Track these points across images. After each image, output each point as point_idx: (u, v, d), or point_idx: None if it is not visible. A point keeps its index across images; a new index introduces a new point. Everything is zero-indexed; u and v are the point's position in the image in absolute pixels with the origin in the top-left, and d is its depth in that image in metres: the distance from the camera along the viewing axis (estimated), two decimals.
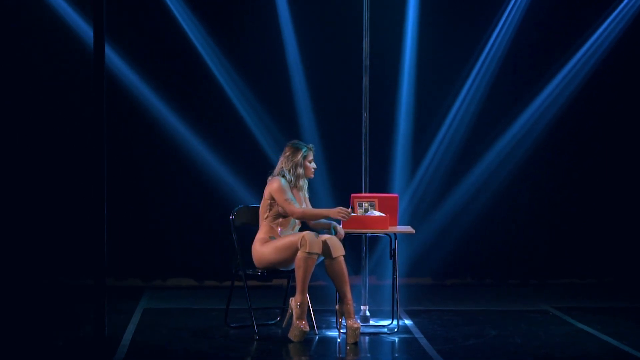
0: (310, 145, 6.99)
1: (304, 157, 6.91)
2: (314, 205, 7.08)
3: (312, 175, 7.00)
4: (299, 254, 6.63)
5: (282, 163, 6.93)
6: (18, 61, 8.86)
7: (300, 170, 6.90)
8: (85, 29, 8.74)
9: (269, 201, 6.87)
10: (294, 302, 6.71)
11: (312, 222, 7.03)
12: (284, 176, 6.87)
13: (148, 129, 8.99)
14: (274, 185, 6.84)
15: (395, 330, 7.06)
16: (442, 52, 9.17)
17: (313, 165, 6.98)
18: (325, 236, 6.75)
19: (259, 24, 9.09)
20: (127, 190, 8.99)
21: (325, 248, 6.67)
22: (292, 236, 6.74)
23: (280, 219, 6.88)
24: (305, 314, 6.70)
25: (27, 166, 8.88)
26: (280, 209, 6.85)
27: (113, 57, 8.84)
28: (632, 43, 9.21)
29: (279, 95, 9.10)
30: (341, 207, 6.82)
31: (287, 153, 6.93)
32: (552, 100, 9.23)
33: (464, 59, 9.18)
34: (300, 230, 6.92)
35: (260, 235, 6.90)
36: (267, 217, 6.89)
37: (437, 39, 9.16)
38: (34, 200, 8.89)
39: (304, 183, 6.96)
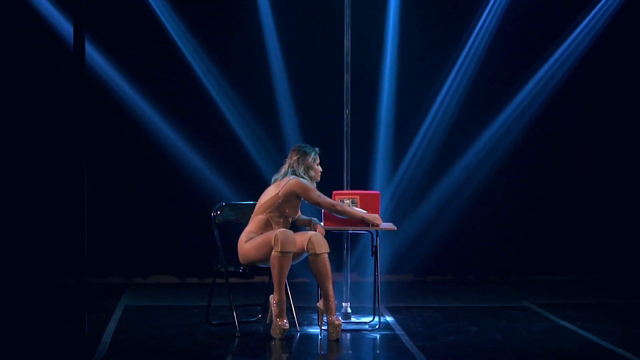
0: (317, 149, 6.99)
1: (314, 160, 6.91)
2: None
3: (319, 179, 6.99)
4: (273, 253, 6.62)
5: (290, 166, 6.88)
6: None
7: (312, 173, 6.89)
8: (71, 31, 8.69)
9: (281, 200, 6.80)
10: (272, 300, 6.71)
11: (298, 219, 7.03)
12: (302, 177, 6.85)
13: (127, 127, 8.96)
14: (299, 185, 6.77)
15: (377, 327, 7.07)
16: (423, 50, 9.19)
17: (320, 168, 6.97)
18: (310, 233, 6.74)
19: (240, 22, 9.08)
20: (108, 188, 8.97)
21: (310, 244, 6.67)
22: (268, 234, 6.73)
23: (282, 219, 6.86)
24: (284, 312, 6.70)
25: (9, 166, 8.83)
26: (288, 210, 6.81)
27: (96, 57, 8.81)
28: (609, 42, 9.25)
29: (260, 93, 9.09)
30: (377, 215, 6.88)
31: (296, 157, 6.88)
32: (532, 99, 9.27)
33: (445, 57, 9.21)
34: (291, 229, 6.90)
35: (251, 228, 6.86)
36: (269, 212, 6.84)
37: (418, 37, 9.18)
38: (15, 199, 8.83)
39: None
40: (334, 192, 7.00)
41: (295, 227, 7.00)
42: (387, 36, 9.14)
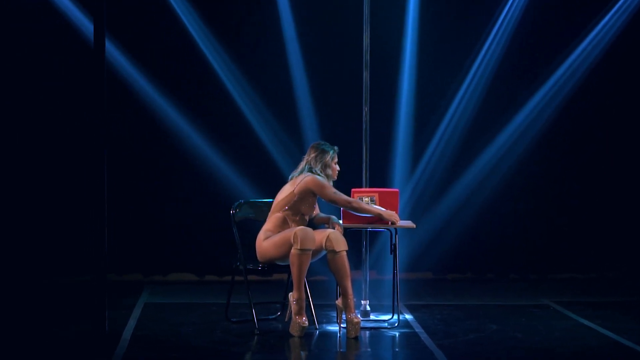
0: (336, 148, 6.98)
1: (332, 159, 6.91)
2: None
3: (336, 178, 6.97)
4: (292, 251, 6.62)
5: (308, 163, 6.87)
6: (19, 60, 8.83)
7: (329, 171, 6.89)
8: (90, 28, 8.73)
9: (297, 197, 6.79)
10: (292, 297, 6.71)
11: (316, 216, 7.03)
12: (318, 175, 6.84)
13: (148, 125, 8.99)
14: (315, 182, 6.76)
15: (396, 324, 7.07)
16: (443, 48, 9.18)
17: (337, 167, 6.97)
18: (328, 230, 6.74)
19: (259, 19, 9.09)
20: (127, 185, 9.00)
21: (328, 242, 6.67)
22: (287, 232, 6.73)
23: (298, 217, 6.87)
24: (303, 310, 6.70)
25: (28, 163, 8.88)
26: (304, 208, 6.81)
27: (115, 54, 8.84)
28: (630, 38, 9.20)
29: (279, 90, 9.10)
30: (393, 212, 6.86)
31: (314, 154, 6.88)
32: (552, 96, 9.23)
33: (465, 54, 9.19)
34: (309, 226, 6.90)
35: (268, 226, 6.87)
36: (286, 209, 6.85)
37: (437, 34, 9.17)
38: (35, 196, 8.88)
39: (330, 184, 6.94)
40: (353, 189, 6.99)
41: (314, 224, 7.00)
42: (407, 33, 9.13)
